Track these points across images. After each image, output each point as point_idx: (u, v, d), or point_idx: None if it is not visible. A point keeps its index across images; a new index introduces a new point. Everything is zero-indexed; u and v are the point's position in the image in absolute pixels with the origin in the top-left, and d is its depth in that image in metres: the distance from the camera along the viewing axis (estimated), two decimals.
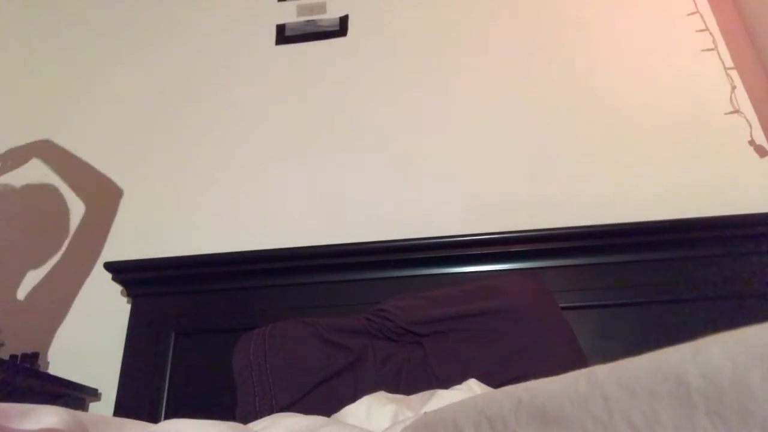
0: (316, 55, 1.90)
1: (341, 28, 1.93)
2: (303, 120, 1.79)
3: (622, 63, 1.72)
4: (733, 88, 1.63)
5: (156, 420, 1.33)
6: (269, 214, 1.65)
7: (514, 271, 1.42)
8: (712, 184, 1.51)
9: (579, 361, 1.16)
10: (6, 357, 1.38)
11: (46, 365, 1.46)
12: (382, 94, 1.79)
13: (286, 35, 1.95)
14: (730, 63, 1.67)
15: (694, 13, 1.75)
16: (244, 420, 1.11)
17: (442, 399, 0.89)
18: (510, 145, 1.65)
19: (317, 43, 1.92)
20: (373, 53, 1.87)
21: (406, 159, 1.68)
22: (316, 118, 1.79)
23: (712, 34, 1.71)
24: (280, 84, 1.86)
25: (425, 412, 0.63)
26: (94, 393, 1.45)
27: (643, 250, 1.39)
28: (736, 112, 1.60)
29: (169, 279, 1.52)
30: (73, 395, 1.40)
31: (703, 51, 1.70)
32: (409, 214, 1.59)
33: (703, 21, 1.73)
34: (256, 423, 0.77)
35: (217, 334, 1.43)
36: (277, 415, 0.86)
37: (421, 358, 1.20)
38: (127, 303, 1.56)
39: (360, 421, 0.87)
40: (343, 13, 1.96)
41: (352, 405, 0.92)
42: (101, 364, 1.49)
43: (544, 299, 1.27)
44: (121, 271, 1.54)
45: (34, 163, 1.82)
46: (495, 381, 1.03)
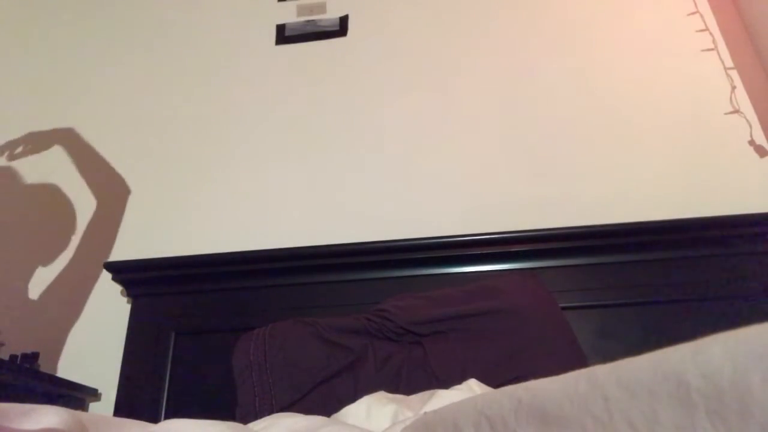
0: (316, 55, 1.90)
1: (341, 28, 1.93)
2: (303, 120, 1.79)
3: (622, 63, 1.72)
4: (733, 88, 1.63)
5: (156, 420, 1.33)
6: (269, 214, 1.65)
7: (514, 271, 1.42)
8: (712, 184, 1.51)
9: (579, 361, 1.16)
10: (6, 357, 1.38)
11: (46, 365, 1.46)
12: (382, 94, 1.80)
13: (286, 35, 1.95)
14: (730, 63, 1.67)
15: (694, 13, 1.75)
16: (244, 420, 1.11)
17: (442, 399, 0.89)
18: (510, 145, 1.65)
19: (317, 43, 1.92)
20: (373, 53, 1.87)
21: (406, 159, 1.68)
22: (316, 118, 1.79)
23: (712, 34, 1.71)
24: (280, 84, 1.86)
25: (425, 412, 0.63)
26: (94, 393, 1.45)
27: (643, 250, 1.39)
28: (736, 112, 1.60)
29: (169, 279, 1.52)
30: (73, 395, 1.40)
31: (703, 51, 1.70)
32: (409, 214, 1.59)
33: (703, 21, 1.73)
34: (256, 423, 0.77)
35: (217, 334, 1.44)
36: (277, 415, 0.86)
37: (421, 358, 1.20)
38: (127, 303, 1.56)
39: (360, 421, 0.87)
40: (343, 13, 1.96)
41: (352, 405, 0.92)
42: (101, 364, 1.49)
43: (544, 299, 1.27)
44: (121, 271, 1.54)
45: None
46: (495, 381, 1.03)
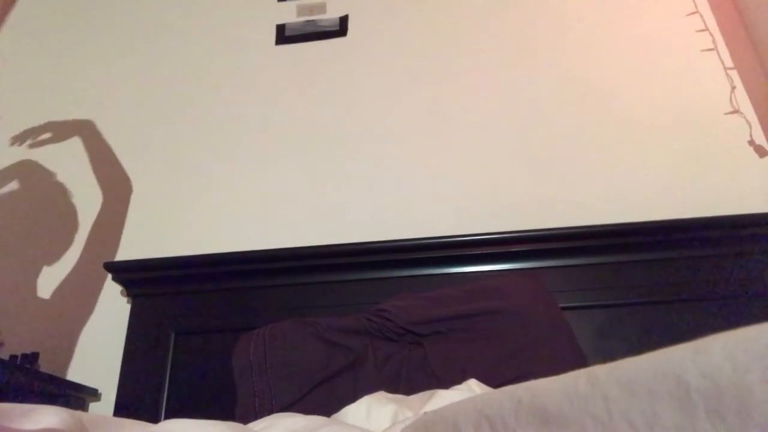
0: (316, 55, 1.90)
1: (341, 28, 1.93)
2: (303, 120, 1.79)
3: (622, 63, 1.72)
4: (733, 88, 1.63)
5: (156, 420, 1.33)
6: (269, 214, 1.65)
7: (514, 271, 1.42)
8: (712, 184, 1.51)
9: (579, 361, 1.16)
10: (6, 357, 1.38)
11: (46, 365, 1.46)
12: (382, 94, 1.80)
13: (286, 35, 1.95)
14: (730, 63, 1.67)
15: (694, 13, 1.75)
16: (244, 420, 1.11)
17: (442, 399, 0.89)
18: (510, 146, 1.65)
19: (317, 43, 1.92)
20: (373, 53, 1.87)
21: (406, 159, 1.68)
22: (316, 118, 1.79)
23: (712, 34, 1.71)
24: (280, 84, 1.86)
25: (425, 412, 0.63)
26: (94, 393, 1.45)
27: (643, 250, 1.39)
28: (736, 112, 1.60)
29: (169, 279, 1.52)
30: (73, 395, 1.40)
31: (703, 51, 1.70)
32: (409, 214, 1.59)
33: (703, 21, 1.73)
34: (256, 423, 0.77)
35: (217, 334, 1.43)
36: (276, 415, 0.86)
37: (421, 358, 1.20)
38: (127, 303, 1.56)
39: (360, 421, 0.87)
40: (343, 13, 1.96)
41: (352, 405, 0.92)
42: (101, 364, 1.49)
43: (544, 299, 1.27)
44: (121, 271, 1.54)
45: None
46: (495, 381, 1.03)
